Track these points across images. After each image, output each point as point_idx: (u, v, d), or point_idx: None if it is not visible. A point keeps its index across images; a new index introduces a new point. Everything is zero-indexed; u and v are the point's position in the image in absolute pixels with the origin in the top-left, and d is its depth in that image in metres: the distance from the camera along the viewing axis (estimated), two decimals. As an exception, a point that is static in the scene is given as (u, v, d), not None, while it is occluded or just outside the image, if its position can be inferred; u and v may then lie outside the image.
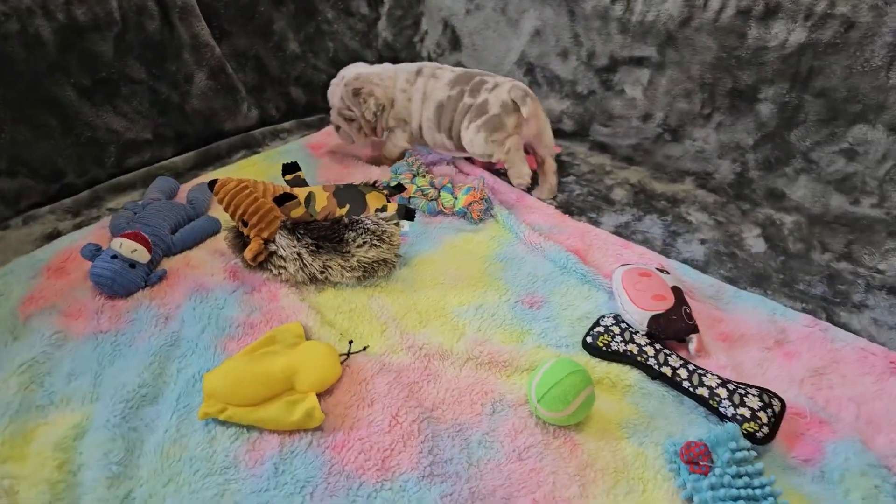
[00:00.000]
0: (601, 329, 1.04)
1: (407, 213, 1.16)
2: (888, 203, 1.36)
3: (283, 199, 1.07)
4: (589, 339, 1.04)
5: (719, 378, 0.95)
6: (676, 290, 1.09)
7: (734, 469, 0.82)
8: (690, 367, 0.98)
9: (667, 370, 0.98)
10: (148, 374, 0.95)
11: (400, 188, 1.28)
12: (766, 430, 0.88)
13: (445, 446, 0.87)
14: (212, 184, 1.11)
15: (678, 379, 0.97)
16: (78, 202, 1.40)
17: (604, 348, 1.02)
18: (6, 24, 1.22)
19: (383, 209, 1.18)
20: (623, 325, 1.05)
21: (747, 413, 0.89)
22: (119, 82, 1.42)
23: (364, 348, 1.01)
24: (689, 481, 0.82)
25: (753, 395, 0.92)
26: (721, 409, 0.91)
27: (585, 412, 0.89)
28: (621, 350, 1.01)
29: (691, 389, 0.95)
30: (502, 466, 0.85)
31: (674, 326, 1.03)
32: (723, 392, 0.93)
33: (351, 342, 1.01)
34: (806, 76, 1.37)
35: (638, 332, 1.04)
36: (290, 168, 1.22)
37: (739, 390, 0.93)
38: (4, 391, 0.91)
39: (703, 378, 0.96)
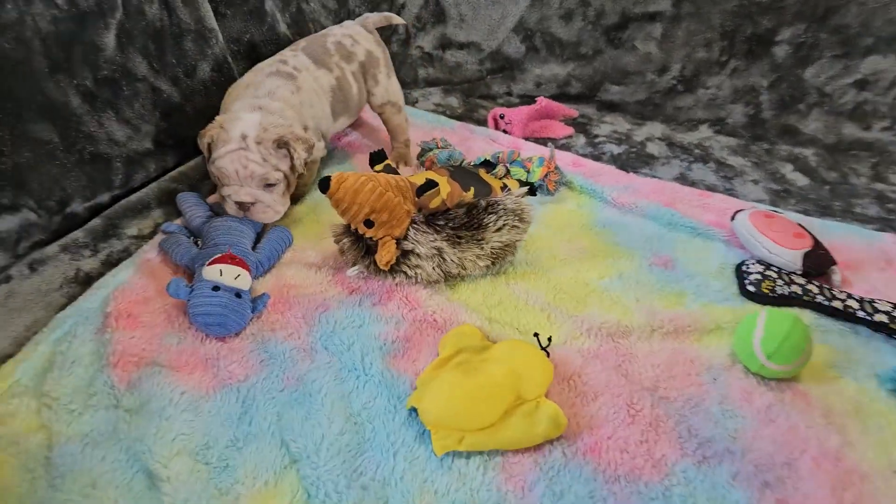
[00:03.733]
0: (757, 276, 1.00)
1: (530, 191, 1.02)
2: (900, 124, 1.44)
3: (424, 188, 0.89)
4: (751, 289, 0.98)
5: (889, 302, 0.95)
6: (802, 226, 1.07)
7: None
8: (856, 297, 0.96)
9: (837, 304, 0.95)
10: (339, 419, 0.75)
11: (489, 164, 1.13)
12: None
13: (697, 425, 0.78)
14: (324, 182, 0.90)
15: (851, 310, 0.95)
16: (92, 234, 1.09)
17: (769, 294, 0.97)
18: (2, 12, 0.89)
19: (506, 188, 1.03)
20: (775, 269, 1.01)
21: (933, 329, 0.89)
22: (121, 81, 1.11)
23: (549, 339, 0.88)
24: (931, 404, 0.80)
25: (926, 312, 0.92)
26: (908, 331, 0.91)
27: (808, 360, 0.84)
28: (787, 293, 0.97)
29: (867, 318, 0.93)
30: (761, 432, 0.78)
31: (822, 260, 1.01)
32: (901, 314, 0.92)
33: (537, 335, 0.87)
34: (822, 16, 1.40)
35: (793, 272, 1.00)
36: (378, 157, 1.03)
37: (914, 310, 0.92)
38: (178, 484, 0.67)
39: (875, 305, 0.94)
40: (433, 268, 0.94)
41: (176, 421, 0.74)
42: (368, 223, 0.91)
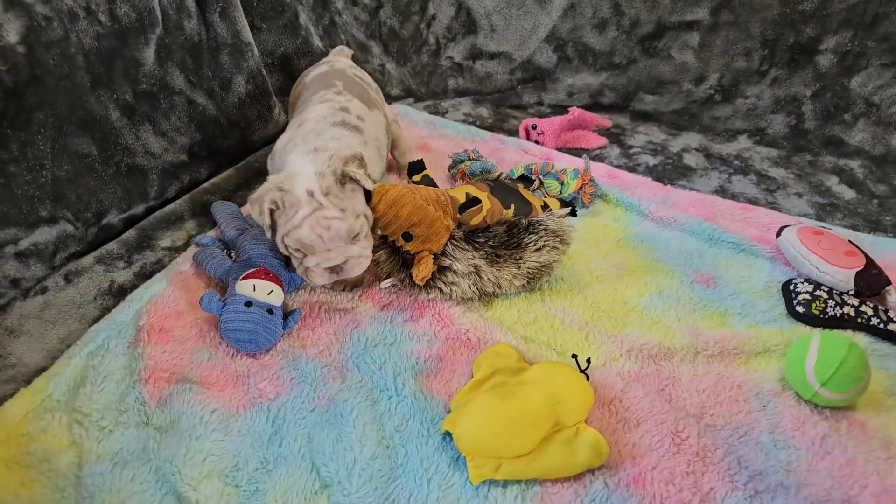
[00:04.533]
0: (805, 296, 0.94)
1: (572, 211, 0.98)
2: (951, 136, 1.37)
3: (467, 205, 0.86)
4: (800, 309, 0.93)
5: (949, 326, 0.88)
6: (853, 244, 1.01)
7: None
8: (913, 320, 0.90)
9: (894, 327, 0.89)
10: (371, 442, 0.73)
11: (527, 179, 1.09)
12: None
13: (747, 456, 0.73)
14: (365, 194, 0.87)
15: (909, 334, 0.88)
16: (126, 246, 1.09)
17: (820, 315, 0.92)
18: (48, 30, 0.89)
19: (546, 207, 1.00)
20: (825, 289, 0.95)
21: None
22: (159, 95, 1.11)
23: (588, 361, 0.84)
24: None
25: None
26: (973, 358, 0.84)
27: (867, 388, 0.78)
28: (838, 314, 0.91)
29: (926, 343, 0.87)
30: (815, 465, 0.73)
31: (876, 280, 0.95)
32: (963, 340, 0.86)
33: (575, 356, 0.83)
34: (870, 23, 1.34)
35: (845, 292, 0.94)
36: (417, 167, 1.00)
37: (979, 335, 0.86)
38: (206, 504, 0.65)
39: (935, 329, 0.88)
40: (469, 285, 0.91)
41: (206, 441, 0.72)
42: (407, 236, 0.89)
